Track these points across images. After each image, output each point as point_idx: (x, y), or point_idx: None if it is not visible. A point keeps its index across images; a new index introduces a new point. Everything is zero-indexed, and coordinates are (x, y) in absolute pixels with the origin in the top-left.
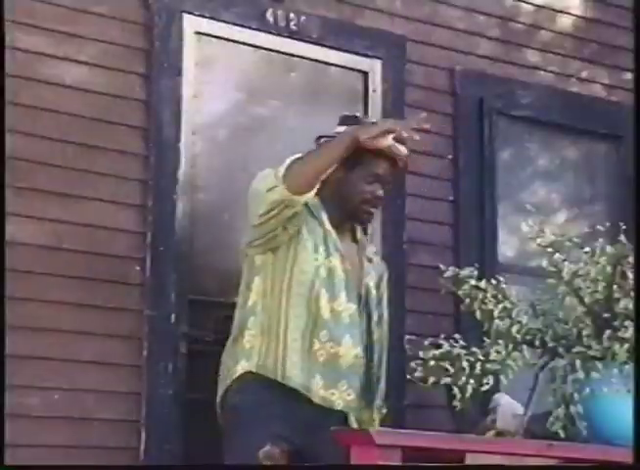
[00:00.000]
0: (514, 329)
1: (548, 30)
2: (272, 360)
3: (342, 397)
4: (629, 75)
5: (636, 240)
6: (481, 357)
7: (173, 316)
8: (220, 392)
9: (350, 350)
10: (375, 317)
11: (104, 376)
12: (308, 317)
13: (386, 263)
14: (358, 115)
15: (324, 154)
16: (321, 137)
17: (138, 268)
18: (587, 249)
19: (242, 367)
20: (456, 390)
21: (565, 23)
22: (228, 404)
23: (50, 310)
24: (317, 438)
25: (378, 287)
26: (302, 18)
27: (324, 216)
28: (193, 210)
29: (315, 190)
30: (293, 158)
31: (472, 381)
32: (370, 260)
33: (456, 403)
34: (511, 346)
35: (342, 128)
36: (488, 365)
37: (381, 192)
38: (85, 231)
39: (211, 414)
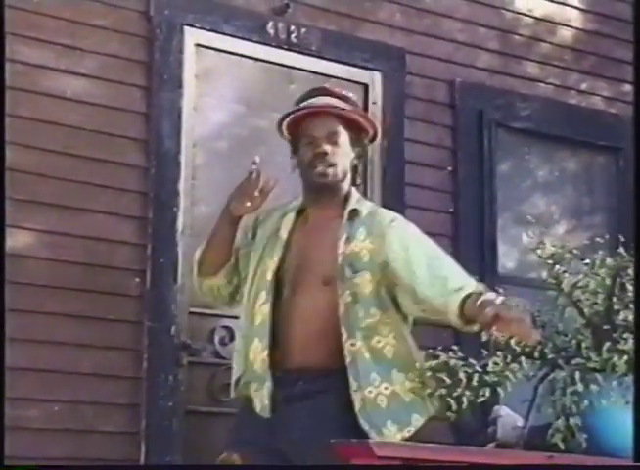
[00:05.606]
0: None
1: (547, 43)
2: None
3: None
4: (628, 87)
5: (636, 251)
6: (479, 369)
7: (173, 328)
8: None
9: None
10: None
11: (104, 388)
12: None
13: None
14: (327, 86)
15: (213, 230)
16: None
17: (138, 280)
18: (587, 260)
19: None
20: (451, 401)
21: (564, 35)
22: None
23: (50, 322)
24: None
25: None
26: (303, 30)
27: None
28: (193, 221)
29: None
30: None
31: (467, 392)
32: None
33: (450, 414)
34: (509, 357)
35: (318, 99)
36: (486, 377)
37: (323, 148)
38: (85, 243)
39: (211, 426)
